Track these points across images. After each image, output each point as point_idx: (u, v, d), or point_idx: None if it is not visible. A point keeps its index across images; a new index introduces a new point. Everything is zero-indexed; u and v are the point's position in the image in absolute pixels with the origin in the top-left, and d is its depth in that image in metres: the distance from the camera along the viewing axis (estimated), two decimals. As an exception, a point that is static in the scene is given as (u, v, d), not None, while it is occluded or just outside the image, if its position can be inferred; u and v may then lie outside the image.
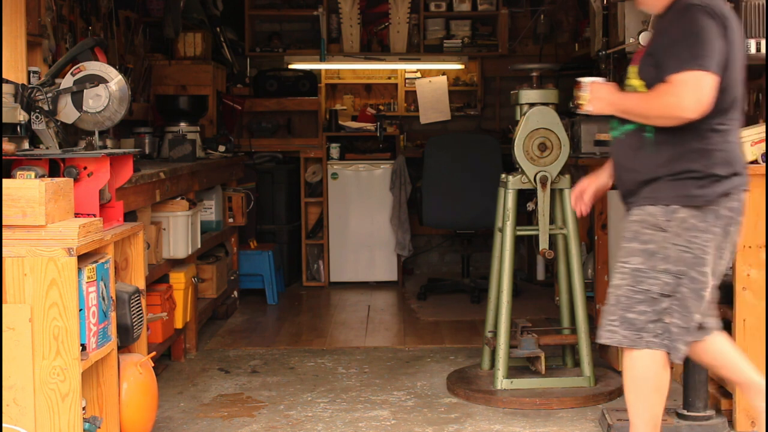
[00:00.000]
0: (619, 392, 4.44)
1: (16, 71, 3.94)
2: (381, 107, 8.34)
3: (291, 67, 8.13)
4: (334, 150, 7.55)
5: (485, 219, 6.37)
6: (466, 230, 7.06)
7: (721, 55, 3.05)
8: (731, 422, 3.92)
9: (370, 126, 7.80)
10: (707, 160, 3.12)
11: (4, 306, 3.01)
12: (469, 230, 7.05)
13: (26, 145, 3.61)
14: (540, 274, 7.40)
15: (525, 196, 4.54)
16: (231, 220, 6.33)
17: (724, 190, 3.13)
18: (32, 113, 3.61)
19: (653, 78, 3.10)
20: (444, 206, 6.85)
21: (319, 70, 8.16)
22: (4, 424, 3.01)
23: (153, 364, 3.71)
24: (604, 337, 3.27)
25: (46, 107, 3.63)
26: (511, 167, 4.65)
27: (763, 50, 3.80)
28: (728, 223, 3.16)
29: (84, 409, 3.18)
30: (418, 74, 8.39)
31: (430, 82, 8.28)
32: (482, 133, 7.84)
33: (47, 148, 3.64)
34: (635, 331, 3.17)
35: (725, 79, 3.09)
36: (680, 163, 3.14)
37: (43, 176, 3.32)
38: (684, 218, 3.12)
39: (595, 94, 3.33)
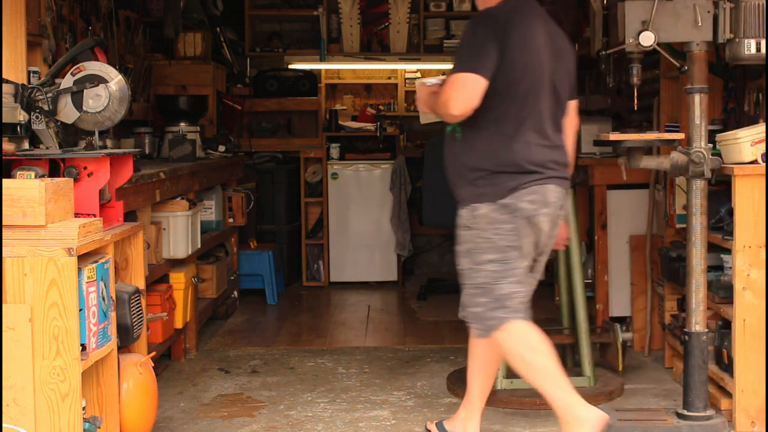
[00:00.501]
0: (619, 392, 4.44)
1: (16, 71, 3.94)
2: (381, 107, 8.34)
3: (291, 67, 8.13)
4: (334, 150, 7.56)
5: None
6: None
7: (492, 61, 3.37)
8: (731, 422, 3.92)
9: (370, 126, 7.80)
10: (494, 160, 3.49)
11: (4, 306, 3.01)
12: None
13: (26, 145, 3.61)
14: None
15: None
16: (231, 220, 6.33)
17: (513, 186, 3.46)
18: (32, 113, 3.61)
19: None
20: (444, 206, 6.82)
21: (319, 70, 8.16)
22: (4, 424, 3.01)
23: (153, 364, 3.71)
24: (476, 335, 3.74)
25: (46, 107, 3.63)
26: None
27: (763, 50, 3.80)
28: (531, 214, 3.49)
29: (84, 409, 3.18)
30: (418, 74, 8.39)
31: (430, 82, 8.26)
32: None
33: (47, 148, 3.64)
34: (484, 320, 3.60)
35: (504, 81, 3.41)
36: (474, 164, 3.54)
37: (43, 176, 3.32)
38: (485, 213, 3.53)
39: (418, 95, 3.76)
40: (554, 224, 3.61)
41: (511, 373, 4.47)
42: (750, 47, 3.81)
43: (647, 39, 3.78)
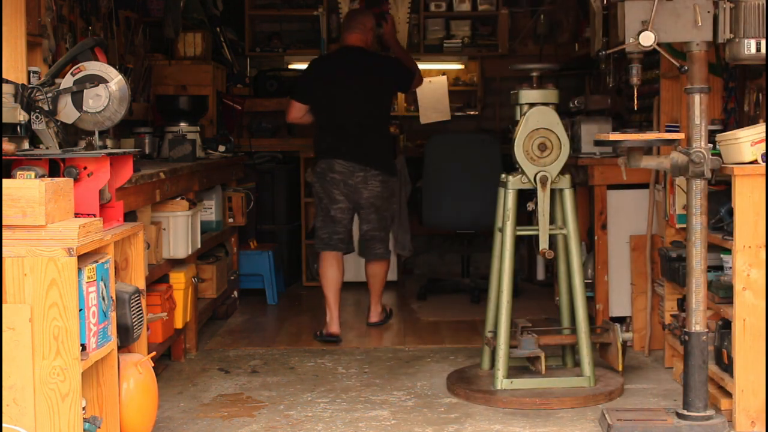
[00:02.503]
0: (619, 392, 4.44)
1: (16, 71, 3.94)
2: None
3: (291, 67, 8.13)
4: (334, 150, 7.53)
5: (485, 219, 6.36)
6: (466, 230, 7.06)
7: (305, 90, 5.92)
8: (731, 422, 3.92)
9: (370, 126, 7.78)
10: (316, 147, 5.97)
11: (4, 306, 3.01)
12: (470, 230, 7.05)
13: (26, 145, 3.61)
14: (540, 274, 7.39)
15: (525, 196, 4.54)
16: (231, 220, 6.33)
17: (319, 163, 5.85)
18: (32, 113, 3.61)
19: None
20: (444, 206, 6.84)
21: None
22: (4, 424, 3.01)
23: (153, 364, 3.71)
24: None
25: (46, 107, 3.63)
26: (511, 167, 4.65)
27: (763, 50, 3.80)
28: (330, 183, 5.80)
29: (84, 409, 3.18)
30: (418, 74, 8.37)
31: (430, 82, 8.27)
32: (482, 133, 7.83)
33: (47, 148, 3.64)
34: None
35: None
36: None
37: (43, 176, 3.31)
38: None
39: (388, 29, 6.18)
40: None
41: (511, 373, 4.48)
42: (750, 47, 3.81)
43: (647, 39, 3.78)
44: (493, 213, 4.63)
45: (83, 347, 3.11)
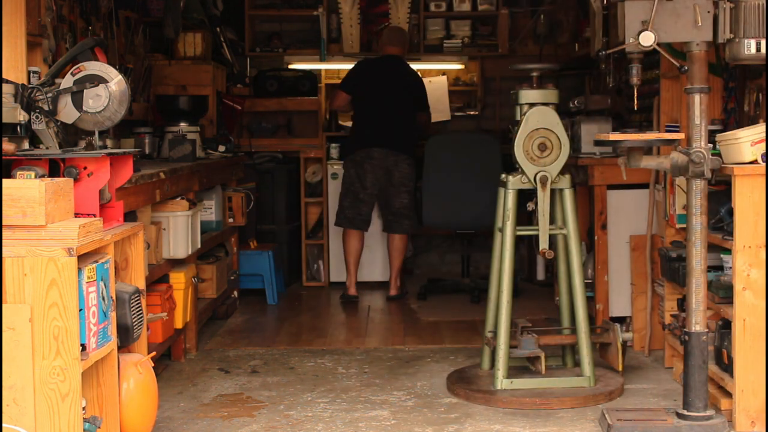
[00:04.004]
0: (619, 392, 4.44)
1: (16, 71, 3.94)
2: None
3: (291, 67, 8.13)
4: (334, 150, 7.55)
5: (485, 219, 6.36)
6: (466, 230, 7.05)
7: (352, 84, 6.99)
8: (731, 422, 3.92)
9: (370, 126, 7.80)
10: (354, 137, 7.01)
11: (4, 306, 3.01)
12: (469, 230, 7.04)
13: (26, 145, 3.61)
14: (540, 274, 7.39)
15: (525, 196, 4.54)
16: (231, 220, 6.33)
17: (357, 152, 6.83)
18: (32, 113, 3.61)
19: None
20: (444, 206, 6.85)
21: (319, 70, 8.16)
22: (4, 424, 3.01)
23: (153, 364, 3.71)
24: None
25: (46, 107, 3.63)
26: (511, 167, 4.65)
27: (763, 50, 3.80)
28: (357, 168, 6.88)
29: (84, 409, 3.18)
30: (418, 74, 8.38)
31: (430, 82, 8.27)
32: (482, 133, 7.82)
33: (47, 148, 3.64)
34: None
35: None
36: None
37: (43, 176, 3.31)
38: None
39: None
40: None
41: (511, 373, 4.48)
42: (750, 47, 3.81)
43: (647, 39, 3.78)
44: (493, 213, 4.63)
45: (83, 347, 3.11)
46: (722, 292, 4.08)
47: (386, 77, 6.99)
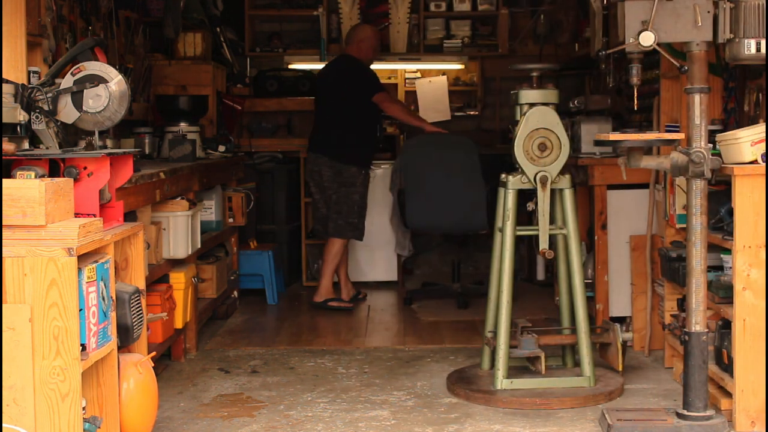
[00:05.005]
0: (619, 392, 4.44)
1: (16, 71, 3.94)
2: (381, 107, 8.33)
3: (291, 67, 8.13)
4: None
5: (468, 222, 6.29)
6: (450, 233, 6.91)
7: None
8: (731, 422, 3.92)
9: (370, 126, 7.79)
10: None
11: (4, 306, 3.01)
12: (452, 233, 6.92)
13: (26, 145, 3.61)
14: (540, 274, 7.39)
15: (525, 196, 4.54)
16: (231, 220, 6.33)
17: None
18: (32, 113, 3.61)
19: None
20: (426, 209, 6.59)
21: (319, 70, 8.15)
22: (4, 424, 3.01)
23: (153, 364, 3.71)
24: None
25: (46, 107, 3.63)
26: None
27: (763, 50, 3.80)
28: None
29: (84, 409, 3.18)
30: (418, 74, 8.39)
31: (430, 82, 8.28)
32: (458, 135, 7.63)
33: (47, 148, 3.64)
34: None
35: None
36: None
37: (43, 176, 3.31)
38: None
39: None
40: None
41: (511, 373, 4.48)
42: (750, 47, 3.81)
43: (647, 39, 3.78)
44: (475, 215, 4.58)
45: (83, 347, 3.11)
46: (722, 292, 4.08)
47: (324, 81, 6.90)
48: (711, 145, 3.91)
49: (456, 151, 6.64)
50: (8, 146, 3.35)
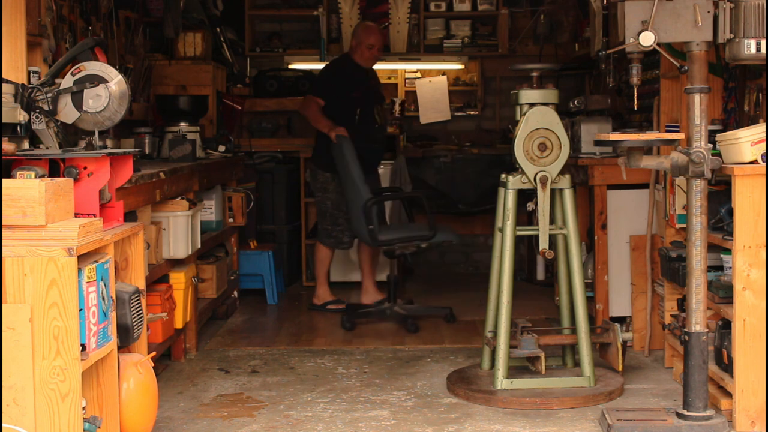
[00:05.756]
0: (619, 392, 4.44)
1: (16, 71, 3.94)
2: (381, 107, 8.33)
3: (291, 67, 8.13)
4: (334, 150, 7.53)
5: (361, 235, 6.08)
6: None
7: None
8: (731, 422, 3.92)
9: (369, 126, 7.78)
10: None
11: (4, 306, 3.01)
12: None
13: (26, 145, 3.61)
14: (540, 274, 7.39)
15: (525, 196, 4.54)
16: (231, 220, 6.32)
17: None
18: (32, 113, 3.61)
19: None
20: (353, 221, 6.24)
21: (319, 70, 8.14)
22: (4, 424, 3.01)
23: (153, 364, 3.71)
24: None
25: (46, 107, 3.63)
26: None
27: (763, 50, 3.80)
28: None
29: (84, 409, 3.18)
30: (418, 74, 8.39)
31: (430, 82, 8.27)
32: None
33: (47, 148, 3.64)
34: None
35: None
36: None
37: (43, 176, 3.31)
38: None
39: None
40: None
41: (511, 373, 4.48)
42: (750, 47, 3.82)
43: (647, 39, 3.78)
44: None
45: (83, 347, 3.11)
46: (722, 292, 4.08)
47: None
48: (711, 145, 3.91)
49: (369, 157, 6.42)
50: (8, 146, 3.35)
